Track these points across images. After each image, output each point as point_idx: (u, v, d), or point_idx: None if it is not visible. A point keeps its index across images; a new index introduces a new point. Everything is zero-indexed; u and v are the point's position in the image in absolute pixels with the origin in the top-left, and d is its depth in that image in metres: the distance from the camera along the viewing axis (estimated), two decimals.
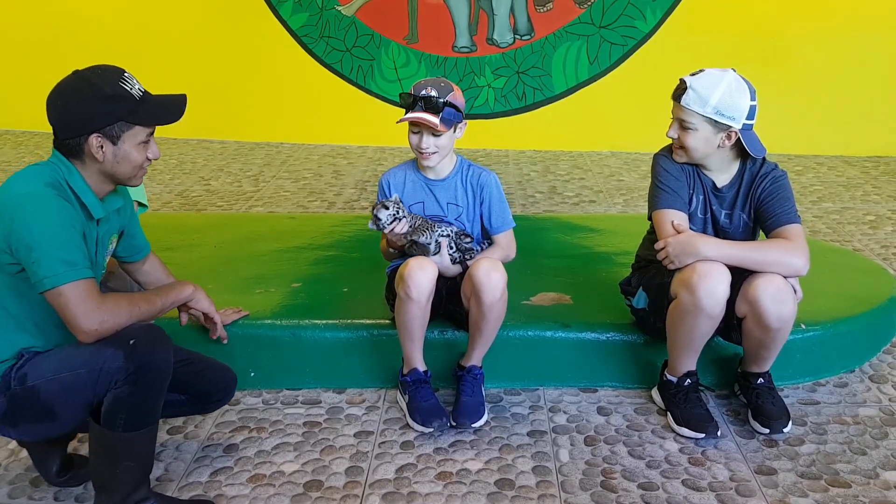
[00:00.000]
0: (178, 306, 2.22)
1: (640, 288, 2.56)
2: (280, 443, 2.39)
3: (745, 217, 2.45)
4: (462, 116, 2.46)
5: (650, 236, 2.57)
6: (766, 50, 5.87)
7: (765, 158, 2.45)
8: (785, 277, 2.28)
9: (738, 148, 2.41)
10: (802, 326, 2.63)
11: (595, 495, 2.14)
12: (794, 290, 2.31)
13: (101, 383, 1.87)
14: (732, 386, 2.62)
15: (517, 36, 6.15)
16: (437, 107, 2.36)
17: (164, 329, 1.97)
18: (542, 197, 5.03)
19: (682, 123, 2.35)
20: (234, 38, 6.42)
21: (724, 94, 2.29)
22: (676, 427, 2.42)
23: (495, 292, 2.34)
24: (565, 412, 2.55)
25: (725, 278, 2.24)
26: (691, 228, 2.40)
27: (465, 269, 2.46)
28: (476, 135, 2.60)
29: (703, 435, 2.37)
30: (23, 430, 1.98)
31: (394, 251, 2.55)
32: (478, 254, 2.51)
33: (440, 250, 2.46)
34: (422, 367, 2.51)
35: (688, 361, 2.45)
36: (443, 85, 2.41)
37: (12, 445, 2.37)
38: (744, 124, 2.32)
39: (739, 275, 2.29)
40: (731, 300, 2.29)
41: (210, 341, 2.47)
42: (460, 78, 6.19)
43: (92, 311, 1.86)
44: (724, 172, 2.45)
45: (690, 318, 2.30)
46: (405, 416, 2.50)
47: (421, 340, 2.48)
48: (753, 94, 2.33)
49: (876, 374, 2.76)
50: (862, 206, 4.82)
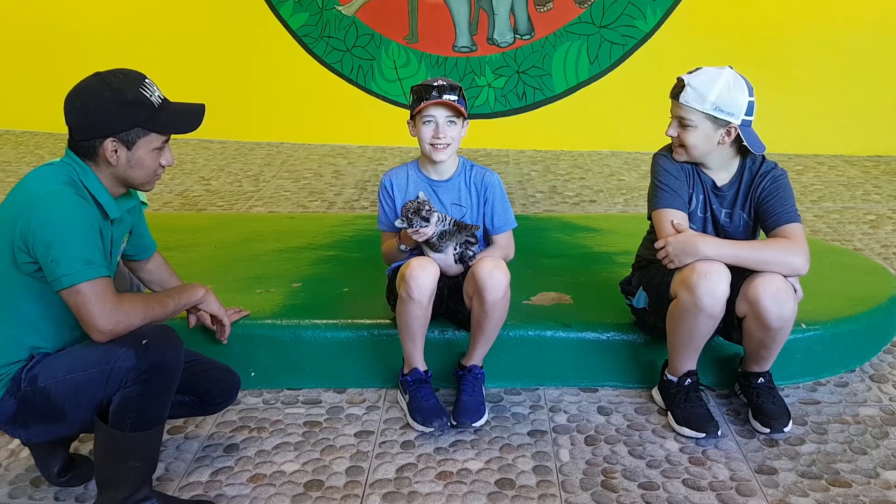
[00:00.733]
0: (187, 308, 2.22)
1: (641, 287, 2.56)
2: (280, 442, 2.39)
3: (745, 216, 2.45)
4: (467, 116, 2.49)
5: (650, 236, 2.57)
6: (767, 49, 5.87)
7: (764, 157, 2.45)
8: (785, 277, 2.28)
9: (737, 146, 2.41)
10: (803, 326, 2.62)
11: (595, 495, 2.14)
12: (795, 290, 2.31)
13: (111, 382, 1.88)
14: (733, 385, 2.62)
15: (517, 35, 6.15)
16: (453, 93, 2.40)
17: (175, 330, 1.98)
18: (542, 196, 5.03)
19: (681, 121, 2.36)
20: (234, 38, 6.42)
21: (722, 90, 2.29)
22: (677, 427, 2.42)
23: (498, 291, 2.34)
24: (566, 412, 2.55)
25: (725, 278, 2.24)
26: (691, 228, 2.40)
27: (466, 269, 2.46)
28: (476, 134, 2.60)
29: (704, 434, 2.37)
30: (33, 431, 1.99)
31: (404, 249, 2.51)
32: (478, 253, 2.51)
33: (445, 250, 2.46)
34: (422, 367, 2.51)
35: (688, 361, 2.45)
36: (450, 81, 2.45)
37: (13, 445, 2.37)
38: (743, 120, 2.32)
39: (740, 274, 2.29)
40: (731, 300, 2.29)
41: (210, 342, 2.47)
42: (461, 77, 6.19)
43: (109, 311, 1.86)
44: (723, 171, 2.45)
45: (690, 317, 2.30)
46: (405, 415, 2.50)
47: (422, 340, 2.48)
48: (751, 91, 2.34)
49: (876, 374, 2.76)
50: (862, 205, 4.82)
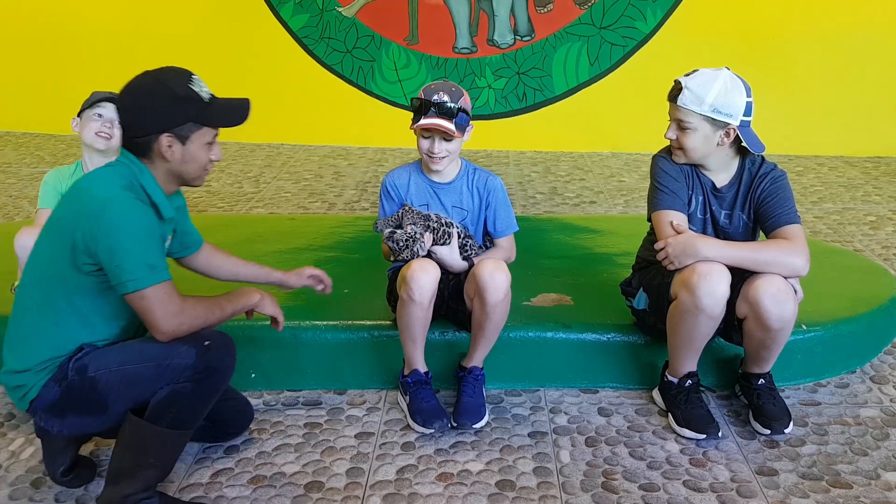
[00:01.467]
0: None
1: (641, 289, 2.56)
2: (281, 444, 2.39)
3: (744, 217, 2.45)
4: (470, 120, 2.47)
5: (650, 237, 2.57)
6: (767, 50, 5.87)
7: (764, 158, 2.45)
8: (785, 278, 2.28)
9: (736, 147, 2.41)
10: (803, 327, 2.62)
11: (596, 496, 2.14)
12: (795, 291, 2.31)
13: (163, 377, 1.94)
14: (733, 387, 2.62)
15: (517, 37, 6.15)
16: (451, 112, 2.38)
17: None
18: (542, 198, 5.03)
19: (680, 124, 2.36)
20: (234, 39, 6.42)
21: (719, 91, 2.29)
22: (677, 428, 2.42)
23: (499, 293, 2.34)
24: (566, 413, 2.55)
25: (725, 279, 2.24)
26: (691, 229, 2.40)
27: (469, 267, 2.46)
28: (477, 136, 2.60)
29: (704, 436, 2.37)
30: (67, 422, 2.02)
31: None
32: (478, 252, 2.51)
33: (450, 241, 2.45)
34: (423, 368, 2.51)
35: (688, 362, 2.45)
36: (454, 90, 2.43)
37: (13, 447, 2.37)
38: (741, 121, 2.32)
39: (740, 275, 2.29)
40: (731, 301, 2.29)
41: None
42: (461, 79, 6.20)
43: (172, 314, 1.92)
44: (723, 172, 2.45)
45: (691, 318, 2.30)
46: (406, 417, 2.50)
47: (422, 342, 2.48)
48: (749, 91, 2.34)
49: (877, 375, 2.76)
50: (862, 206, 4.82)
